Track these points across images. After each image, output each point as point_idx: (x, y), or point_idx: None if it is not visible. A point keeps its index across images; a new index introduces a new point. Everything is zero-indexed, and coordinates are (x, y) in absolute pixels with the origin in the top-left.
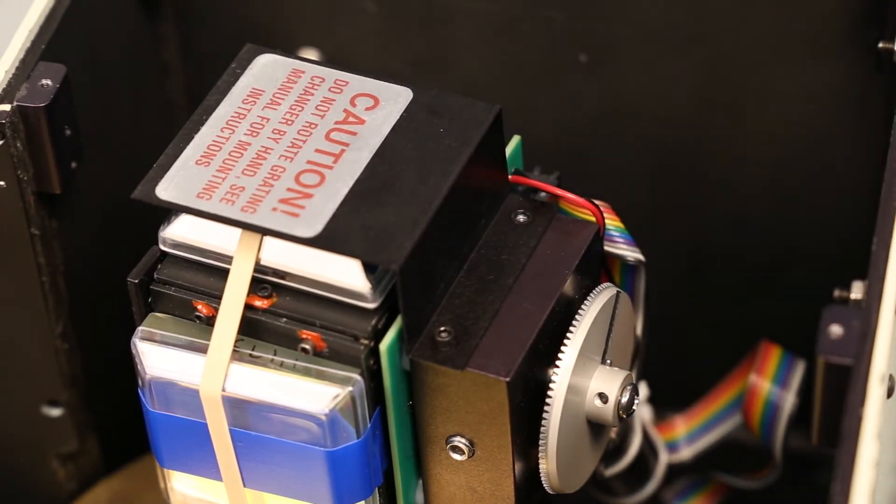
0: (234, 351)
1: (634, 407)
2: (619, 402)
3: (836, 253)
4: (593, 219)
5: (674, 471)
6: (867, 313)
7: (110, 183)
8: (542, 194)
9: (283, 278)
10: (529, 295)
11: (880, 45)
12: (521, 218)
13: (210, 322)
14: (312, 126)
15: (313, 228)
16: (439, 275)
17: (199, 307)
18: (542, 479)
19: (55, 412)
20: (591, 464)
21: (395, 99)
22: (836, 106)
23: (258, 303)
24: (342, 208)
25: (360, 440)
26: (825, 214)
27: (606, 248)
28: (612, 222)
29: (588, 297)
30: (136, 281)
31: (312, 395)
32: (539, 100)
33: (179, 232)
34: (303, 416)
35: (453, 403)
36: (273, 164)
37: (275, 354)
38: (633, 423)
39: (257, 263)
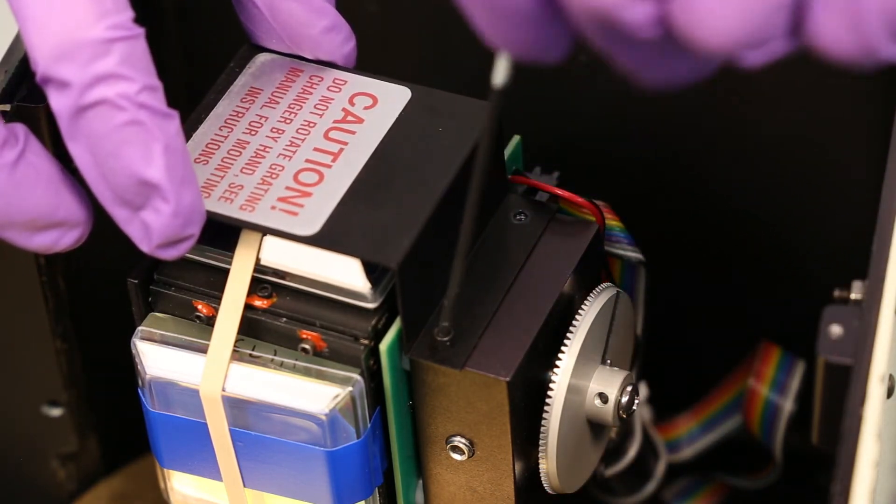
0: (234, 351)
1: (634, 407)
2: (619, 403)
3: (836, 253)
4: (593, 218)
5: (674, 471)
6: (867, 313)
7: None
8: (543, 194)
9: (283, 278)
10: (529, 295)
11: None
12: (520, 218)
13: (210, 322)
14: (311, 125)
15: (312, 227)
16: (438, 274)
17: (199, 307)
18: (542, 479)
19: (55, 412)
20: (591, 464)
21: (393, 98)
22: (837, 106)
23: (258, 303)
24: (341, 207)
25: (360, 440)
26: (825, 214)
27: (606, 247)
28: (612, 222)
29: (588, 297)
30: (136, 281)
31: (312, 395)
32: (539, 100)
33: None
34: (303, 416)
35: (453, 403)
36: (272, 163)
37: (275, 354)
38: (633, 424)
39: (257, 263)
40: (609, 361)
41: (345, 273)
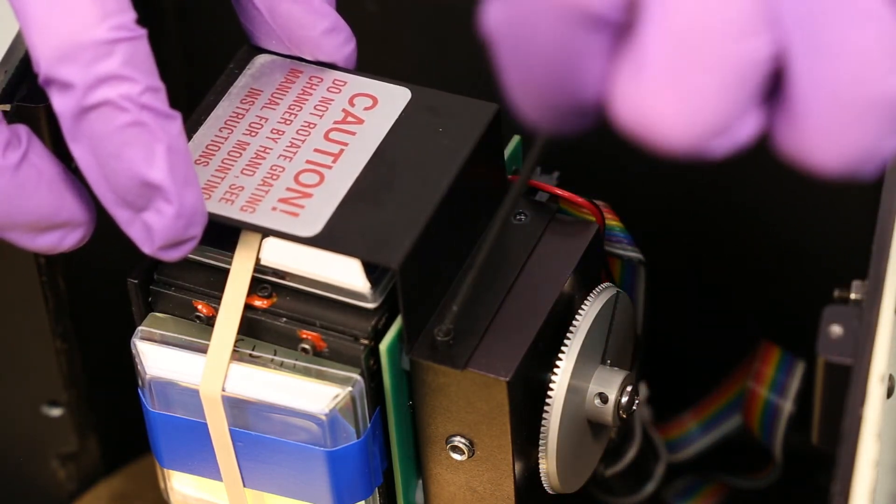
0: (234, 351)
1: (634, 407)
2: (618, 403)
3: (836, 253)
4: (593, 219)
5: (674, 471)
6: (867, 313)
7: None
8: (543, 194)
9: (283, 278)
10: (529, 295)
11: None
12: (520, 218)
13: (210, 322)
14: (311, 126)
15: (313, 228)
16: (439, 274)
17: (199, 307)
18: (542, 479)
19: (55, 412)
20: (591, 464)
21: (393, 99)
22: None
23: (258, 303)
24: (341, 208)
25: (360, 440)
26: (825, 214)
27: (606, 247)
28: (612, 222)
29: (588, 297)
30: (136, 281)
31: (312, 395)
32: None
33: None
34: (303, 416)
35: (453, 403)
36: (272, 164)
37: (275, 354)
38: (633, 424)
39: (257, 263)
40: (609, 361)
41: (345, 273)
